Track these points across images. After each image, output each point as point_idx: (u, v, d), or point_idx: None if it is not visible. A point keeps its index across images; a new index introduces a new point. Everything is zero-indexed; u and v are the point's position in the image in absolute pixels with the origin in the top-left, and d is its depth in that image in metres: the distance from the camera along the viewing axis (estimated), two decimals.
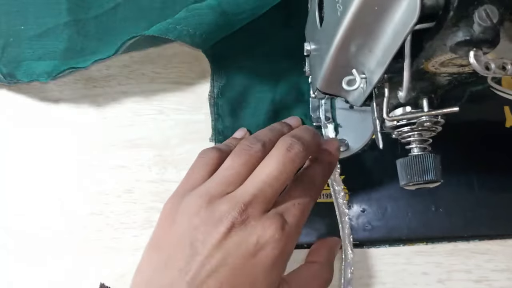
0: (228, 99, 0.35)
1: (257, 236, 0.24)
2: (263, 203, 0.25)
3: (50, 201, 0.35)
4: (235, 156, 0.27)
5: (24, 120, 0.37)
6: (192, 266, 0.24)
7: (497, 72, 0.18)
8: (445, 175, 0.25)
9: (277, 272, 0.25)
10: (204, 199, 0.25)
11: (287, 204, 0.26)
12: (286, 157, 0.26)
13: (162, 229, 0.26)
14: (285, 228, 0.25)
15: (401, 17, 0.19)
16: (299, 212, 0.26)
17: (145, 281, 0.25)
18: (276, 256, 0.25)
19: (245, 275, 0.24)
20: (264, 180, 0.26)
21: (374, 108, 0.26)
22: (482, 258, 0.33)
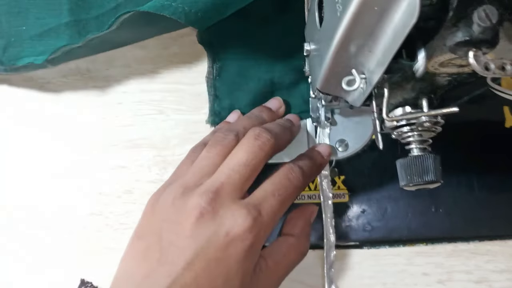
0: (225, 80, 0.35)
1: (227, 227, 0.24)
2: (233, 191, 0.25)
3: (49, 201, 0.35)
4: (210, 147, 0.28)
5: (24, 119, 0.37)
6: (168, 257, 0.24)
7: (497, 72, 0.18)
8: (445, 175, 0.25)
9: (251, 260, 0.25)
10: (178, 190, 0.26)
11: (266, 194, 0.26)
12: (254, 145, 0.27)
13: (144, 218, 0.27)
14: (257, 218, 0.25)
15: (401, 17, 0.19)
16: (277, 203, 0.26)
17: (126, 271, 0.25)
18: (248, 247, 0.24)
19: (219, 266, 0.24)
20: (232, 167, 0.26)
21: (373, 108, 0.26)
22: (482, 258, 0.33)
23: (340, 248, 0.34)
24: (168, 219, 0.25)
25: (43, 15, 0.36)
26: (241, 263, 0.25)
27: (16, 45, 0.36)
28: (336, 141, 0.35)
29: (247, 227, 0.24)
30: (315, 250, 0.34)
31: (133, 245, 0.26)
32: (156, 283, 0.24)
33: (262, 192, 0.26)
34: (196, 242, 0.24)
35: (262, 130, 0.28)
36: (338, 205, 0.34)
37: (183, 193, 0.26)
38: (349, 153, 0.35)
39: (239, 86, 0.35)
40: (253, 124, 0.30)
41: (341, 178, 0.34)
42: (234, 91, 0.35)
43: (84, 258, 0.34)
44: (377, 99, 0.25)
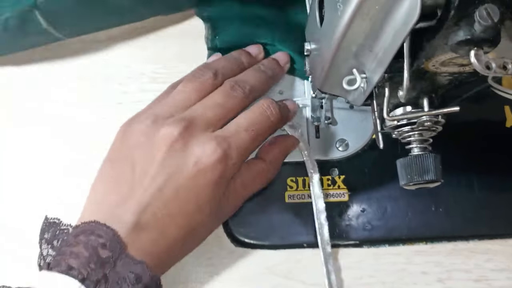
0: (224, 42, 0.34)
1: (196, 157, 0.25)
2: (205, 125, 0.26)
3: (49, 201, 0.35)
4: (186, 82, 0.28)
5: (24, 119, 0.37)
6: (140, 184, 0.25)
7: (498, 71, 0.18)
8: (445, 175, 0.25)
9: (220, 189, 0.26)
10: (151, 119, 0.26)
11: (239, 128, 0.26)
12: (230, 93, 0.27)
13: (116, 145, 0.27)
14: (226, 151, 0.25)
15: (402, 16, 0.19)
16: (249, 138, 0.26)
17: (98, 197, 0.26)
18: (217, 177, 0.25)
19: (189, 193, 0.25)
20: (207, 106, 0.27)
21: (374, 108, 0.26)
22: (482, 257, 0.33)
23: (340, 247, 0.34)
24: (140, 147, 0.26)
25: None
26: (211, 191, 0.25)
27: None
28: (337, 140, 0.35)
29: (215, 158, 0.25)
30: (314, 248, 0.34)
31: (105, 171, 0.27)
32: (128, 209, 0.24)
33: (235, 126, 0.27)
34: (167, 169, 0.25)
35: (236, 82, 0.28)
36: (338, 204, 0.34)
37: (155, 122, 0.26)
38: (350, 153, 0.35)
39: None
40: (232, 66, 0.30)
41: (341, 178, 0.34)
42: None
43: None
44: (378, 99, 0.25)
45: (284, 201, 0.34)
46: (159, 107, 0.28)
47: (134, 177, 0.25)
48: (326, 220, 0.32)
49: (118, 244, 0.23)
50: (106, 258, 0.23)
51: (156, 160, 0.25)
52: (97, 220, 0.24)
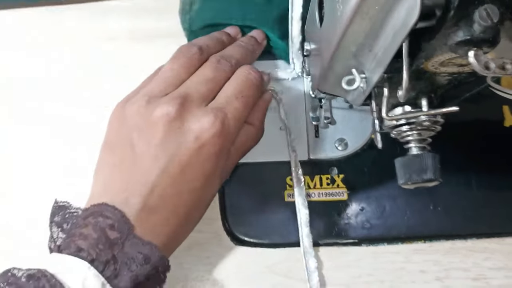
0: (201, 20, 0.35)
1: (195, 132, 0.25)
2: (200, 99, 0.26)
3: (49, 201, 0.35)
4: (173, 59, 0.29)
5: (24, 119, 0.37)
6: (142, 166, 0.25)
7: (497, 71, 0.18)
8: (444, 174, 0.25)
9: (223, 160, 0.26)
10: (144, 98, 0.26)
11: (230, 97, 0.27)
12: (217, 66, 0.28)
13: (112, 129, 0.27)
14: (223, 122, 0.26)
15: (401, 16, 0.19)
16: (241, 105, 0.27)
17: (102, 185, 0.26)
18: (218, 150, 0.26)
19: (194, 170, 0.25)
20: (198, 81, 0.27)
21: (373, 107, 0.26)
22: (480, 256, 0.33)
23: (338, 246, 0.34)
24: (137, 128, 0.26)
25: None
26: (214, 164, 0.26)
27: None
28: (336, 140, 0.35)
29: (215, 131, 0.25)
30: (314, 247, 0.34)
31: (105, 157, 0.27)
32: (134, 193, 0.24)
33: (225, 96, 0.27)
34: (168, 149, 0.25)
35: (222, 57, 0.29)
36: (337, 203, 0.34)
37: (149, 101, 0.26)
38: (349, 152, 0.35)
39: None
40: (215, 44, 0.31)
41: (341, 177, 0.34)
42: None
43: None
44: (377, 99, 0.25)
45: (283, 200, 0.34)
46: (150, 86, 0.28)
47: (136, 160, 0.25)
48: (305, 204, 0.32)
49: (126, 225, 0.23)
50: (114, 239, 0.23)
51: (156, 140, 0.25)
52: (106, 202, 0.24)
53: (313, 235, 0.33)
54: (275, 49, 0.35)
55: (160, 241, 0.24)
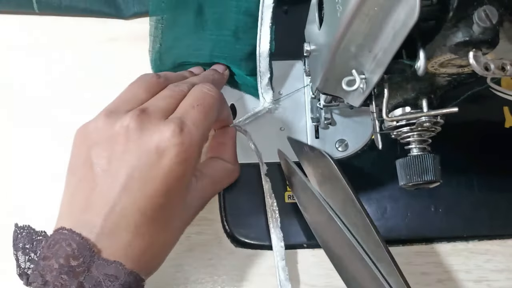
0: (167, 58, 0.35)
1: (156, 142, 0.24)
2: (158, 112, 0.26)
3: (49, 201, 0.35)
4: (133, 83, 0.29)
5: (24, 120, 0.37)
6: (103, 185, 0.24)
7: (497, 72, 0.18)
8: (445, 175, 0.25)
9: (187, 173, 0.26)
10: (102, 115, 0.26)
11: (186, 107, 0.27)
12: (175, 89, 0.28)
13: (73, 150, 0.27)
14: (183, 129, 0.25)
15: (401, 17, 0.19)
16: (199, 113, 0.26)
17: (65, 209, 0.25)
18: (181, 158, 0.25)
19: (156, 183, 0.24)
20: (157, 97, 0.27)
21: (373, 108, 0.26)
22: (481, 258, 0.33)
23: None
24: (96, 145, 0.25)
25: None
26: (179, 178, 0.25)
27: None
28: (336, 141, 0.35)
29: (176, 140, 0.25)
30: (314, 249, 0.34)
31: (68, 178, 0.26)
32: (96, 212, 0.24)
33: (183, 107, 0.27)
34: (128, 163, 0.24)
35: (180, 83, 0.29)
36: None
37: (108, 117, 0.26)
38: (349, 153, 0.35)
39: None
40: (176, 76, 0.31)
41: None
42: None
43: None
44: (377, 99, 0.25)
45: (284, 201, 0.34)
46: (110, 105, 0.27)
47: (96, 178, 0.24)
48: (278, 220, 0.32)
49: (88, 249, 0.23)
50: (77, 265, 0.22)
51: (115, 154, 0.24)
52: (67, 227, 0.23)
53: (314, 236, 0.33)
54: (243, 85, 0.35)
55: (129, 260, 0.23)
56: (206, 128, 0.27)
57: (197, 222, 0.34)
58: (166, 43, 0.35)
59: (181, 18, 0.34)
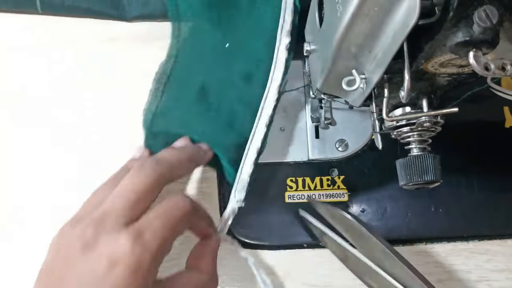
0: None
1: (108, 253, 0.24)
2: (117, 218, 0.25)
3: (50, 201, 0.35)
4: (104, 182, 0.29)
5: (24, 120, 0.37)
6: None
7: (497, 72, 0.18)
8: (445, 175, 0.25)
9: (140, 279, 0.24)
10: (68, 224, 0.26)
11: (150, 217, 0.25)
12: (139, 173, 0.26)
13: (46, 256, 0.26)
14: (137, 240, 0.24)
15: (401, 17, 0.19)
16: (161, 225, 0.25)
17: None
18: (133, 271, 0.24)
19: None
20: (116, 194, 0.26)
21: (373, 108, 0.26)
22: (481, 258, 0.33)
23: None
24: (57, 253, 0.25)
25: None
26: (131, 284, 0.24)
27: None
28: (336, 141, 0.35)
29: (128, 250, 0.24)
30: (314, 249, 0.34)
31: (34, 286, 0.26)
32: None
33: (146, 217, 0.26)
34: (82, 276, 0.24)
35: (150, 159, 0.28)
36: (338, 205, 0.34)
37: (72, 225, 0.26)
38: (349, 153, 0.35)
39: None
40: (165, 162, 0.29)
41: (341, 178, 0.34)
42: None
43: None
44: (377, 99, 0.25)
45: (284, 201, 0.34)
46: (81, 208, 0.28)
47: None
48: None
49: None
50: None
51: (72, 266, 0.24)
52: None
53: (314, 236, 0.33)
54: (224, 171, 0.34)
55: None
56: (167, 239, 0.25)
57: None
58: (162, 108, 0.34)
59: (183, 91, 0.34)
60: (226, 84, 0.34)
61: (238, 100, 0.33)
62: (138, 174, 0.26)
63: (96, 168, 0.36)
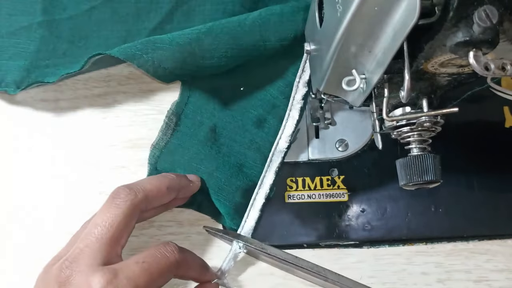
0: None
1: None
2: (92, 255, 0.24)
3: (50, 201, 0.35)
4: (91, 216, 0.28)
5: (24, 120, 0.37)
6: None
7: (497, 72, 0.18)
8: (445, 175, 0.25)
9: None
10: (50, 263, 0.26)
11: (129, 261, 0.25)
12: (110, 205, 0.26)
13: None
14: (111, 281, 0.24)
15: (401, 17, 0.19)
16: (140, 270, 0.25)
17: None
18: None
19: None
20: (88, 231, 0.25)
21: (373, 108, 0.26)
22: (481, 258, 0.33)
23: (339, 247, 0.34)
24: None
25: (16, 12, 0.36)
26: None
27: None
28: (336, 141, 0.35)
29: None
30: (314, 249, 0.34)
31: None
32: None
33: (126, 261, 0.25)
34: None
35: (122, 188, 0.27)
36: (338, 205, 0.34)
37: (53, 264, 0.26)
38: (349, 153, 0.35)
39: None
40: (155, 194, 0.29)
41: (341, 178, 0.34)
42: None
43: None
44: (377, 99, 0.25)
45: (284, 201, 0.34)
46: (67, 243, 0.28)
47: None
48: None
49: None
50: None
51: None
52: None
53: (314, 236, 0.33)
54: (224, 217, 0.33)
55: None
56: (145, 284, 0.25)
57: (197, 222, 0.34)
58: (171, 146, 0.35)
59: (194, 132, 0.34)
60: (238, 127, 0.34)
61: (249, 144, 0.34)
62: (109, 207, 0.26)
63: (96, 168, 0.36)
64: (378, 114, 0.26)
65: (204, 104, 0.35)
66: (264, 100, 0.34)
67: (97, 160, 0.36)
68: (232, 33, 0.32)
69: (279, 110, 0.34)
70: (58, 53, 0.35)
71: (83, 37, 0.36)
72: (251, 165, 0.33)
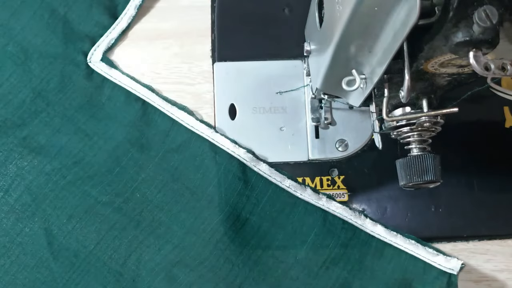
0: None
1: None
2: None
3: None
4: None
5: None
6: None
7: (497, 72, 0.18)
8: (445, 175, 0.25)
9: None
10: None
11: None
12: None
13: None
14: None
15: (401, 17, 0.19)
16: None
17: None
18: None
19: None
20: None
21: (373, 108, 0.26)
22: (481, 258, 0.33)
23: None
24: None
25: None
26: None
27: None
28: (336, 141, 0.35)
29: None
30: None
31: None
32: None
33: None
34: None
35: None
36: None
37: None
38: (349, 153, 0.35)
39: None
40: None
41: (341, 178, 0.34)
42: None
43: None
44: (377, 99, 0.25)
45: None
46: None
47: None
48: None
49: None
50: None
51: None
52: None
53: None
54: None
55: None
56: None
57: None
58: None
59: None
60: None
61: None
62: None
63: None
64: (378, 114, 0.26)
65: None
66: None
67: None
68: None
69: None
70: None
71: None
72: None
